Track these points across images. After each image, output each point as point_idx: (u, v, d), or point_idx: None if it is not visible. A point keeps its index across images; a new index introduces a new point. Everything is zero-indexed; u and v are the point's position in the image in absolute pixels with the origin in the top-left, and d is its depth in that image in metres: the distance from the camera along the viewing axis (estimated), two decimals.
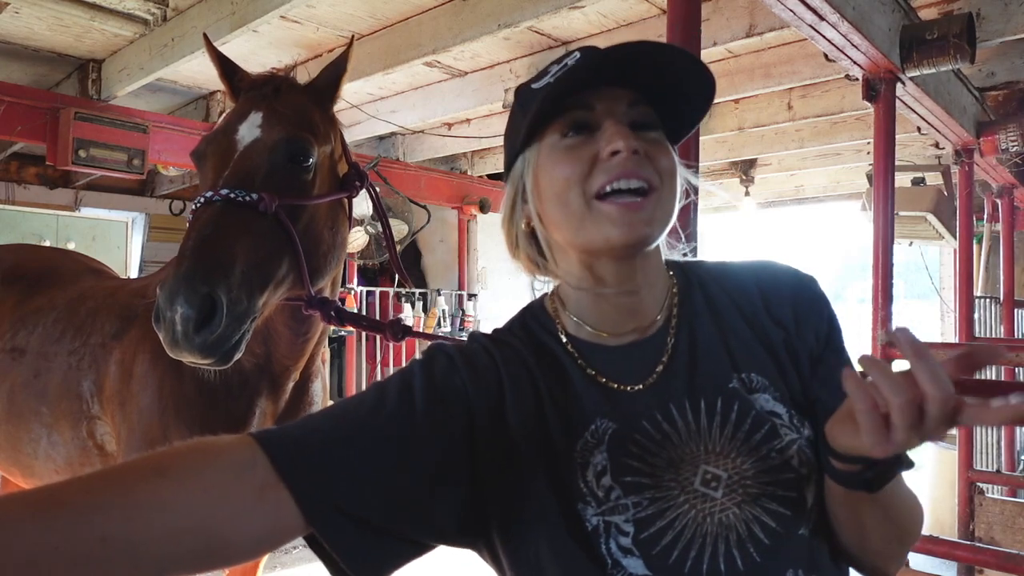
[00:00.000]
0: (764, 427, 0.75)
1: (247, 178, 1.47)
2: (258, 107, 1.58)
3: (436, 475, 0.72)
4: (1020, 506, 3.69)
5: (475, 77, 4.33)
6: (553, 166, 0.77)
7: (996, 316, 5.19)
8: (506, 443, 0.75)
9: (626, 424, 0.76)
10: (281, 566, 4.24)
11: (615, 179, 0.73)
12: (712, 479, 0.73)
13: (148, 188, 6.59)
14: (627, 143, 0.73)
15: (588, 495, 0.73)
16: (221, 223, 1.40)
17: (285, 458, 0.68)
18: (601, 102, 0.76)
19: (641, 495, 0.73)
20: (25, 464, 2.10)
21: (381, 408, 0.73)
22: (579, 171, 0.75)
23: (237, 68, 1.72)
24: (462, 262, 6.67)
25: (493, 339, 0.84)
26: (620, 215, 0.73)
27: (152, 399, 1.77)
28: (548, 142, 0.78)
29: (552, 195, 0.77)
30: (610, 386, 0.79)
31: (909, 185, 4.40)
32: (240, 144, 1.53)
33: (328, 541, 0.69)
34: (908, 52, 2.60)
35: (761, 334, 0.81)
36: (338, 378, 6.27)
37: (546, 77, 0.78)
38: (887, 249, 2.65)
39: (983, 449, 5.01)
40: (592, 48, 0.78)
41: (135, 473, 0.64)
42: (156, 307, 1.37)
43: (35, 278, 2.33)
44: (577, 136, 0.76)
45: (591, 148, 0.75)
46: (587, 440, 0.75)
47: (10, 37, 3.80)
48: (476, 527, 0.76)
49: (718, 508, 0.72)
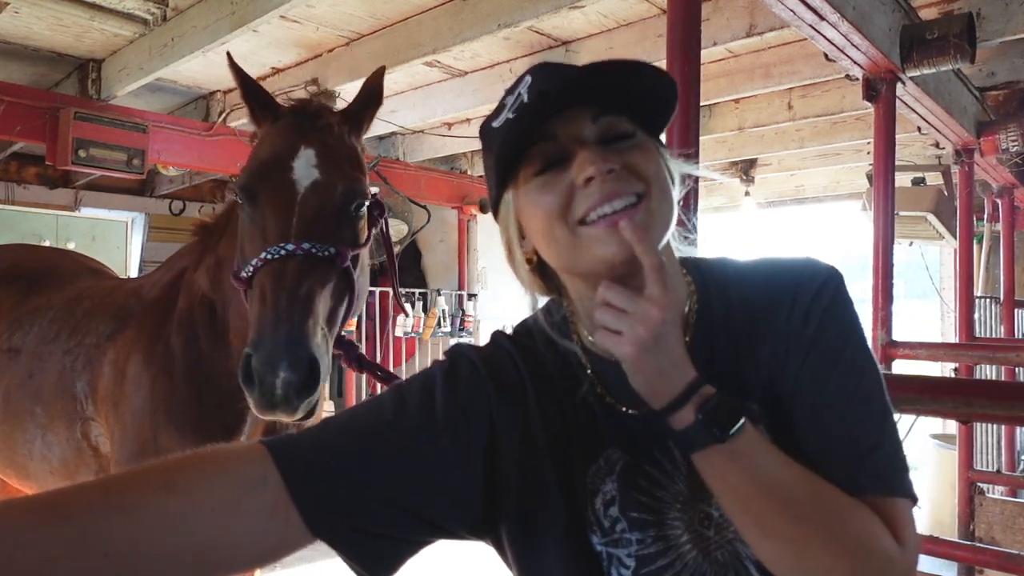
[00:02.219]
0: None
1: (321, 230, 1.46)
2: (307, 142, 1.53)
3: (452, 489, 0.72)
4: (1020, 506, 3.69)
5: (475, 77, 4.33)
6: (532, 206, 0.74)
7: (996, 316, 5.19)
8: (528, 458, 0.75)
9: (637, 454, 0.75)
10: (281, 566, 4.23)
11: (597, 205, 0.69)
12: (705, 517, 0.73)
13: (148, 188, 6.59)
14: (598, 167, 0.69)
15: (595, 523, 0.73)
16: (306, 281, 1.40)
17: (297, 477, 0.67)
18: (562, 127, 0.72)
19: (645, 532, 0.72)
20: (20, 465, 2.09)
21: (400, 421, 0.72)
22: (558, 204, 0.71)
23: (260, 87, 1.66)
24: (462, 262, 6.67)
25: (518, 345, 0.81)
26: (609, 234, 0.69)
27: (144, 401, 1.76)
28: (523, 181, 0.74)
29: (538, 233, 0.74)
30: (618, 409, 0.77)
31: (909, 185, 4.39)
32: (299, 185, 1.49)
33: (342, 554, 0.69)
34: (908, 52, 2.60)
35: (764, 351, 0.75)
36: (338, 378, 6.27)
37: (503, 113, 0.74)
38: (887, 249, 2.65)
39: (983, 449, 5.01)
40: (541, 70, 0.74)
41: (142, 486, 0.63)
42: (249, 368, 1.35)
43: (33, 278, 2.33)
44: (549, 170, 0.72)
45: (565, 179, 0.71)
46: (600, 466, 0.75)
47: (10, 37, 3.80)
48: (487, 528, 0.77)
49: (713, 547, 0.72)
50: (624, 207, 0.69)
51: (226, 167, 4.91)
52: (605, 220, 0.69)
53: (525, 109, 0.71)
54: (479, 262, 6.80)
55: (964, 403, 1.54)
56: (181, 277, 1.92)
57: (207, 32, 3.25)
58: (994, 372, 4.72)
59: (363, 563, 0.70)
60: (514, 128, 0.71)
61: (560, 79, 0.71)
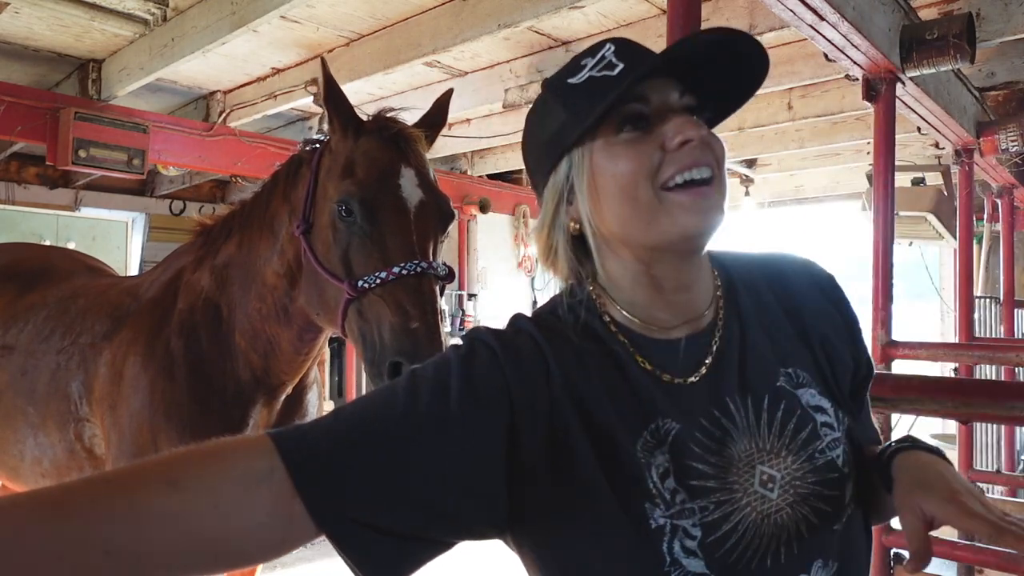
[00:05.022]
0: (808, 425, 0.76)
1: (433, 248, 1.61)
2: (407, 161, 1.62)
3: (468, 482, 0.69)
4: (1020, 506, 3.69)
5: (475, 77, 4.33)
6: (615, 162, 0.74)
7: (996, 316, 5.19)
8: (559, 441, 0.72)
9: (687, 422, 0.74)
10: (281, 566, 4.23)
11: (686, 168, 0.71)
12: (768, 480, 0.73)
13: (148, 188, 6.59)
14: (698, 131, 0.72)
15: (656, 496, 0.70)
16: (438, 297, 1.57)
17: (303, 471, 0.65)
18: (655, 93, 0.74)
19: (707, 499, 0.71)
20: (11, 466, 2.06)
21: (412, 411, 0.70)
22: (647, 164, 0.73)
23: (345, 97, 1.68)
24: (462, 262, 6.67)
25: (540, 326, 0.78)
26: (693, 203, 0.71)
27: (143, 402, 1.74)
28: (601, 139, 0.75)
29: (616, 191, 0.74)
30: (665, 379, 0.76)
31: (909, 185, 4.39)
32: (408, 203, 1.58)
33: (344, 553, 0.67)
34: (908, 52, 2.60)
35: (800, 328, 0.82)
36: (338, 378, 6.27)
37: (584, 72, 0.75)
38: (887, 249, 2.65)
39: (983, 449, 5.01)
40: (626, 43, 0.77)
41: (145, 482, 0.62)
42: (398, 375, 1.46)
43: (30, 276, 2.30)
44: (635, 131, 0.74)
45: (654, 140, 0.73)
46: (646, 439, 0.73)
47: (10, 37, 3.80)
48: (507, 523, 0.73)
49: (774, 509, 0.72)
50: (706, 178, 0.72)
51: (226, 167, 4.91)
52: (690, 189, 0.72)
53: (625, 71, 0.73)
54: (479, 262, 6.80)
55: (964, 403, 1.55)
56: (179, 277, 1.91)
57: (207, 32, 3.26)
58: (994, 372, 4.72)
59: (364, 562, 0.67)
60: (613, 83, 0.73)
61: (656, 55, 0.75)
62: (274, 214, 1.76)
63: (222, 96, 4.74)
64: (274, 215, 1.76)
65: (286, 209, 1.74)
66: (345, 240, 1.56)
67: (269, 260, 1.75)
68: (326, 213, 1.60)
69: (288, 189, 1.75)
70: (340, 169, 1.59)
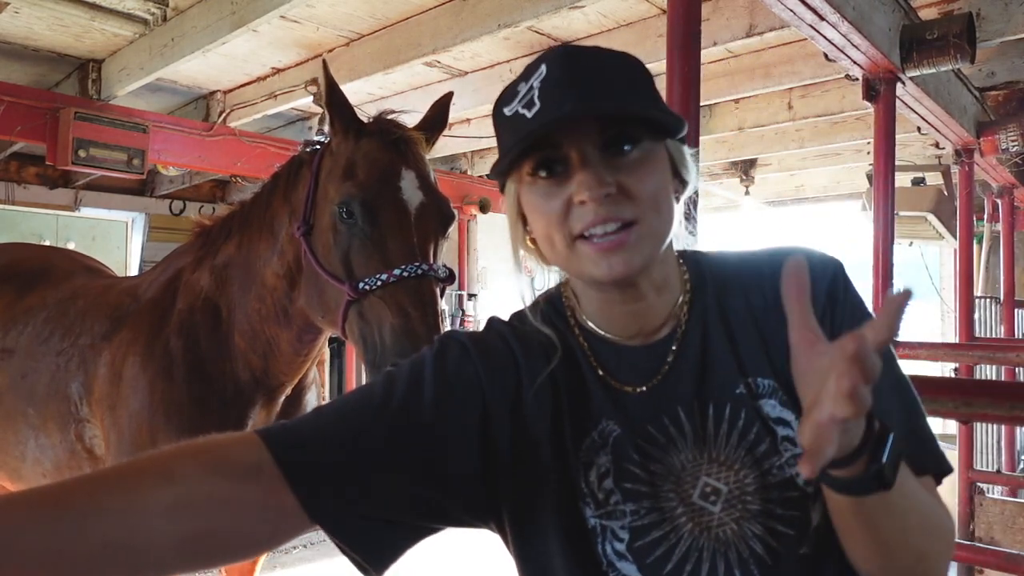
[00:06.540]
0: (766, 439, 0.73)
1: (433, 250, 1.61)
2: (407, 163, 1.62)
3: (446, 469, 0.73)
4: (1020, 506, 3.69)
5: (475, 77, 4.33)
6: (534, 207, 0.75)
7: (996, 316, 5.19)
8: (522, 434, 0.75)
9: (631, 428, 0.75)
10: (281, 566, 4.23)
11: (590, 225, 0.71)
12: (712, 492, 0.72)
13: (148, 188, 6.59)
14: (592, 193, 0.70)
15: (588, 496, 0.74)
16: (439, 299, 1.56)
17: (292, 462, 0.68)
18: (567, 139, 0.72)
19: (639, 503, 0.72)
20: (12, 467, 2.07)
21: (388, 403, 0.73)
22: (557, 213, 0.72)
23: (346, 98, 1.68)
24: (462, 262, 6.67)
25: (512, 327, 0.83)
26: (599, 256, 0.71)
27: (142, 403, 1.75)
28: (525, 178, 0.75)
29: (539, 233, 0.76)
30: (615, 387, 0.78)
31: (909, 185, 4.40)
32: (409, 205, 1.59)
33: (338, 540, 0.70)
34: (908, 52, 2.60)
35: (772, 333, 0.76)
36: (338, 378, 6.27)
37: (515, 102, 0.74)
38: (887, 249, 2.65)
39: (983, 449, 5.01)
40: (557, 62, 0.73)
41: (141, 476, 0.65)
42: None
43: (29, 276, 2.30)
44: (550, 176, 0.73)
45: (566, 189, 0.72)
46: (593, 440, 0.75)
47: (10, 37, 3.80)
48: (487, 511, 0.77)
49: (715, 523, 0.71)
50: (616, 230, 0.71)
51: (226, 167, 4.91)
52: (598, 241, 0.71)
53: (539, 113, 0.71)
54: (479, 262, 6.81)
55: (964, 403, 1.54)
56: (178, 277, 1.91)
57: (207, 32, 3.26)
58: (994, 372, 4.72)
59: (357, 547, 0.70)
60: (526, 127, 0.72)
61: (570, 98, 0.71)
62: (274, 215, 1.76)
63: (222, 96, 4.74)
64: (274, 216, 1.76)
65: (286, 210, 1.74)
66: (346, 242, 1.57)
67: (269, 261, 1.75)
68: (327, 215, 1.60)
69: (288, 190, 1.75)
70: (341, 171, 1.59)
